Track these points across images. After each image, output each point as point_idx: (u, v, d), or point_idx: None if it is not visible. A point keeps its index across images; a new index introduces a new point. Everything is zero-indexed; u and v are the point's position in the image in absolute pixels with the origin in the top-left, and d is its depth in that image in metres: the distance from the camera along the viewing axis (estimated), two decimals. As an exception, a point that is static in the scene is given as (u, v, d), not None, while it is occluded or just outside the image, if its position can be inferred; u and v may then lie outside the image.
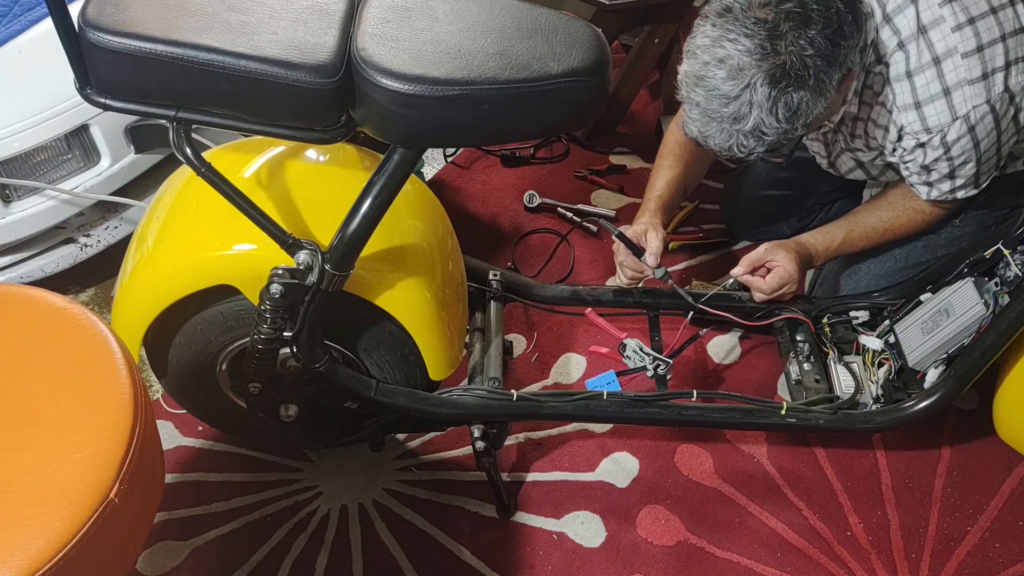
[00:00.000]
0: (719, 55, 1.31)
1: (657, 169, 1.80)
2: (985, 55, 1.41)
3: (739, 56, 1.30)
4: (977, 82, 1.41)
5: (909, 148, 1.52)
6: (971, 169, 1.52)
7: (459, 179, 2.42)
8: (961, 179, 1.54)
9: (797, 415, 1.61)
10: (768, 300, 1.72)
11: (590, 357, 1.99)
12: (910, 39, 1.44)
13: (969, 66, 1.41)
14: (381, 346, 1.54)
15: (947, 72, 1.42)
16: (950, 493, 1.76)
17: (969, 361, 1.54)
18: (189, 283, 1.42)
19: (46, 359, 1.18)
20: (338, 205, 1.34)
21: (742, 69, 1.30)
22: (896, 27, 1.45)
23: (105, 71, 1.13)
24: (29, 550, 1.01)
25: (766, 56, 1.29)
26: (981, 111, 1.43)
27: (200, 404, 1.69)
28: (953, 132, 1.45)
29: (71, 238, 2.05)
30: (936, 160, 1.51)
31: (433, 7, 1.21)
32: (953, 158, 1.49)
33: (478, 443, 1.58)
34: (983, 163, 1.51)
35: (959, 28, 1.41)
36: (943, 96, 1.43)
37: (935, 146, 1.48)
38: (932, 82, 1.43)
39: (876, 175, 1.72)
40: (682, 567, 1.65)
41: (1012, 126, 1.49)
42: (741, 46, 1.30)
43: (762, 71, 1.29)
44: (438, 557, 1.67)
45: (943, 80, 1.42)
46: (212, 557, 1.67)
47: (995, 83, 1.42)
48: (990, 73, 1.41)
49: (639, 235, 1.65)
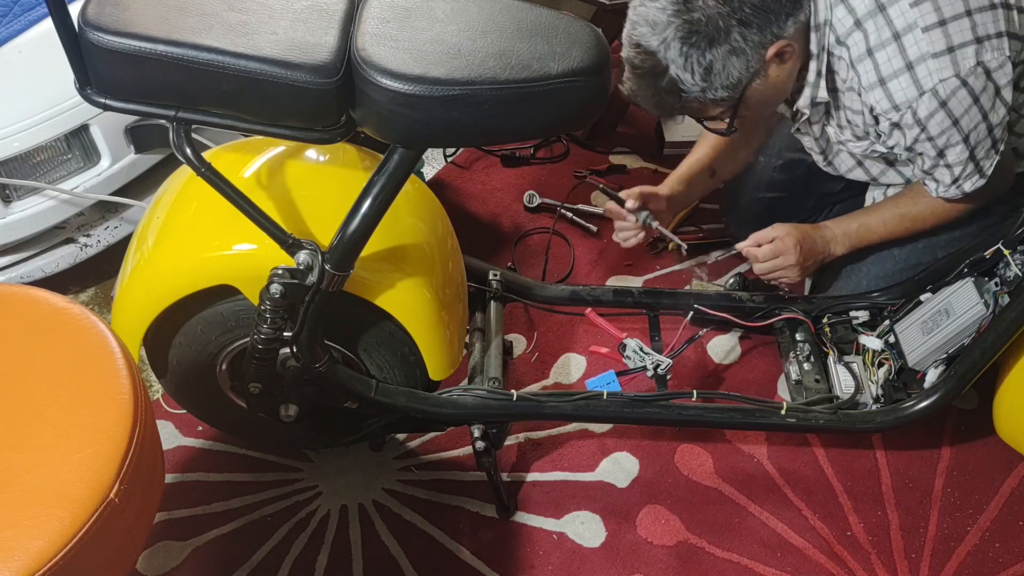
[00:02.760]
0: (642, 14, 1.41)
1: (691, 151, 1.88)
2: (949, 29, 1.39)
3: (656, 14, 1.38)
4: (942, 55, 1.40)
5: (887, 131, 1.51)
6: (961, 153, 1.48)
7: (459, 179, 2.42)
8: (958, 167, 1.51)
9: (797, 415, 1.61)
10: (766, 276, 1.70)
11: (590, 357, 1.99)
12: (867, 17, 1.43)
13: (931, 39, 1.40)
14: (381, 346, 1.54)
15: (908, 47, 1.41)
16: (950, 493, 1.76)
17: (969, 361, 1.54)
18: (189, 283, 1.42)
19: (46, 359, 1.18)
20: (338, 205, 1.34)
21: (658, 24, 1.38)
22: (851, 5, 1.44)
23: (105, 71, 1.13)
24: (29, 550, 1.01)
25: (679, 13, 1.37)
26: (950, 85, 1.41)
27: (200, 404, 1.69)
28: (923, 108, 1.43)
29: (71, 238, 2.05)
30: (916, 141, 1.48)
31: (433, 7, 1.22)
32: (934, 138, 1.46)
33: (478, 443, 1.58)
34: (974, 145, 1.48)
35: (917, 4, 1.41)
36: (906, 71, 1.42)
37: (909, 124, 1.46)
38: (894, 58, 1.43)
39: (876, 175, 1.71)
40: (682, 567, 1.65)
41: (999, 104, 1.45)
42: (659, 4, 1.38)
43: (674, 27, 1.37)
44: (438, 557, 1.67)
45: (904, 55, 1.42)
46: (212, 557, 1.67)
47: (964, 57, 1.39)
48: (956, 47, 1.39)
49: (629, 194, 1.71)
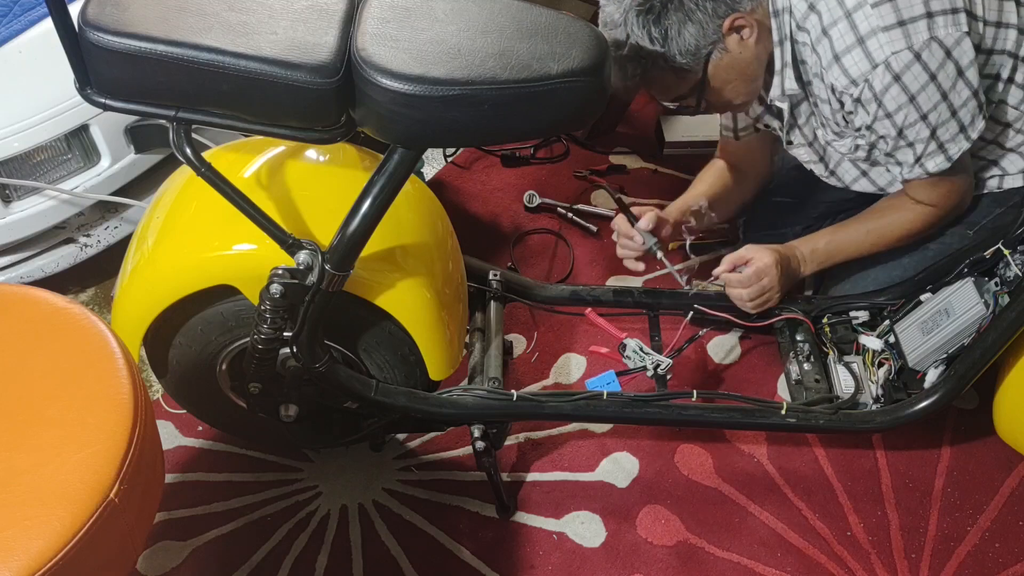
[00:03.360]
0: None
1: (692, 185, 1.91)
2: (899, 3, 1.42)
3: None
4: (892, 28, 1.42)
5: (851, 109, 1.52)
6: (921, 131, 1.49)
7: (459, 179, 2.42)
8: (920, 144, 1.51)
9: (797, 415, 1.61)
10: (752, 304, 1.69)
11: (590, 357, 1.99)
12: None
13: (881, 14, 1.42)
14: (381, 346, 1.54)
15: (859, 22, 1.44)
16: (950, 493, 1.76)
17: (969, 361, 1.54)
18: (189, 283, 1.42)
19: (46, 359, 1.18)
20: (338, 205, 1.34)
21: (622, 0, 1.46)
22: None
23: (105, 71, 1.13)
24: (29, 550, 1.01)
25: None
26: (903, 58, 1.42)
27: (200, 404, 1.69)
28: (878, 80, 1.45)
29: (71, 238, 2.05)
30: (876, 119, 1.50)
31: (433, 7, 1.21)
32: (891, 114, 1.47)
33: (478, 443, 1.58)
34: (936, 126, 1.48)
35: None
36: (858, 45, 1.44)
37: (868, 99, 1.48)
38: (846, 34, 1.45)
39: (884, 185, 1.70)
40: (682, 567, 1.65)
41: (961, 85, 1.46)
42: None
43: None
44: (438, 557, 1.67)
45: (856, 30, 1.44)
46: (212, 557, 1.67)
47: (915, 31, 1.41)
48: (907, 21, 1.41)
49: (643, 212, 1.69)
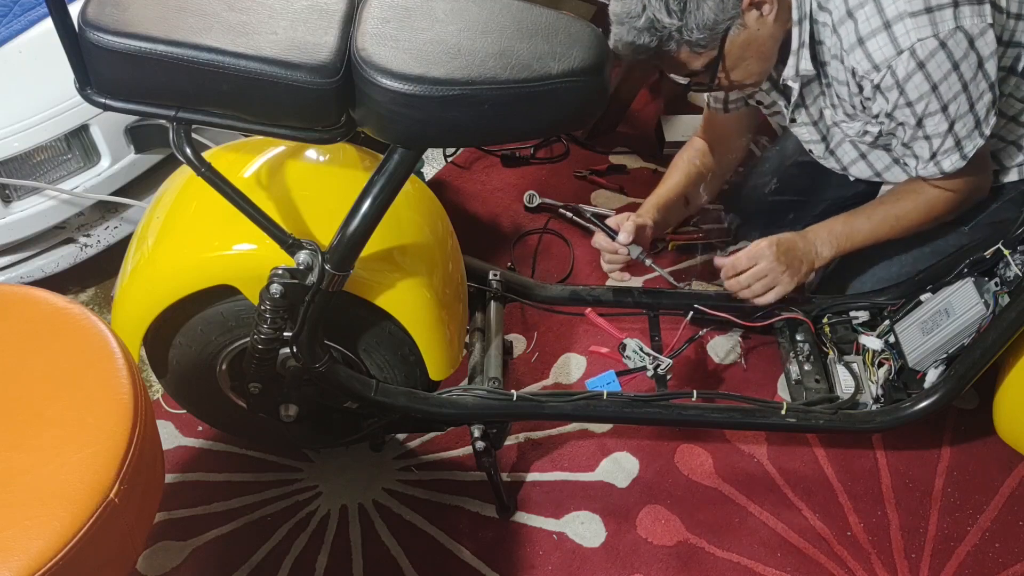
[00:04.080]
0: None
1: (665, 176, 1.88)
2: None
3: None
4: (919, 15, 1.41)
5: (871, 95, 1.51)
6: (940, 123, 1.48)
7: (459, 179, 2.42)
8: (937, 139, 1.50)
9: (797, 415, 1.61)
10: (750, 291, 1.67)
11: (590, 357, 1.99)
12: None
13: None
14: (381, 346, 1.54)
15: (886, 5, 1.43)
16: (950, 493, 1.76)
17: (969, 361, 1.54)
18: (189, 283, 1.42)
19: (46, 359, 1.18)
20: (338, 205, 1.34)
21: None
22: None
23: (105, 71, 1.13)
24: (29, 550, 1.01)
25: None
26: (929, 45, 1.41)
27: (200, 404, 1.69)
28: (901, 67, 1.44)
29: (71, 238, 2.05)
30: (896, 107, 1.49)
31: (433, 7, 1.21)
32: (912, 103, 1.47)
33: (478, 443, 1.58)
34: (955, 119, 1.47)
35: None
36: (884, 29, 1.43)
37: (889, 86, 1.47)
38: (872, 17, 1.44)
39: (881, 170, 1.70)
40: (682, 567, 1.65)
41: (980, 78, 1.45)
42: None
43: None
44: (438, 557, 1.67)
45: (883, 14, 1.43)
46: (212, 557, 1.67)
47: (942, 19, 1.41)
48: (935, 8, 1.41)
49: (620, 222, 1.68)
